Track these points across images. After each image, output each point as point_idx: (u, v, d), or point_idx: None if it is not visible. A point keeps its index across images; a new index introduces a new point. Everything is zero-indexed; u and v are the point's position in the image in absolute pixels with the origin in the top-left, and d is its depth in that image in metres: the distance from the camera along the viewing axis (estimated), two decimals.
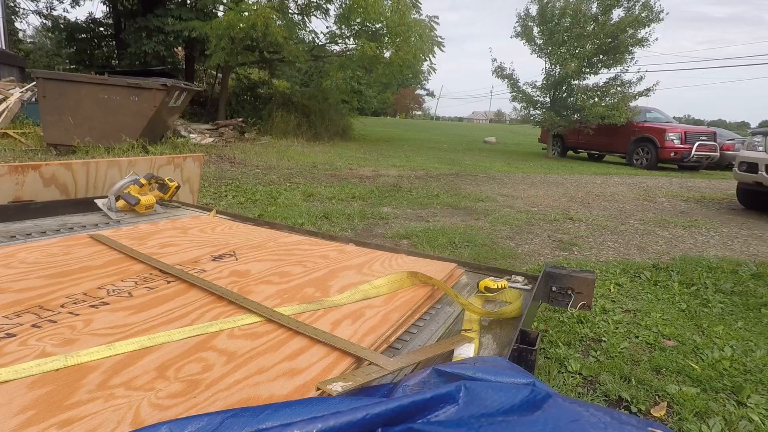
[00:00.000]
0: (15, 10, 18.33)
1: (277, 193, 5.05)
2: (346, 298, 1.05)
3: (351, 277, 1.21)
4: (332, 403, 0.53)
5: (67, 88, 6.31)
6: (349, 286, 1.13)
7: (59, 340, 0.78)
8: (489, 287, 1.24)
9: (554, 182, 8.02)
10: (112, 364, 0.72)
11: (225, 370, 0.72)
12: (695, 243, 4.15)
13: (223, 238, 1.53)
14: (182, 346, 0.79)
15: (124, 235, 1.49)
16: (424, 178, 7.29)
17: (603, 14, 12.09)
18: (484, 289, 1.24)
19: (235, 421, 0.47)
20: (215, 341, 0.82)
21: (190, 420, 0.47)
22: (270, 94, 14.60)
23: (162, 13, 12.67)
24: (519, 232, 4.19)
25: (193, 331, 0.84)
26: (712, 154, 11.61)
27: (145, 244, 1.38)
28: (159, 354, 0.76)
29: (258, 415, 0.48)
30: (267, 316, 0.92)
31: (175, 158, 2.53)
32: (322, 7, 12.46)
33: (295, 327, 0.88)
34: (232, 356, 0.77)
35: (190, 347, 0.79)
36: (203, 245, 1.43)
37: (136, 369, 0.71)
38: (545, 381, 1.73)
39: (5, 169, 1.80)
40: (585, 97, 12.47)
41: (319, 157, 8.93)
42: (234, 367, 0.74)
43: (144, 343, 0.78)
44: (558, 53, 12.51)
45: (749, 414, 1.59)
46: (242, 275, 1.18)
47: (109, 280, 1.08)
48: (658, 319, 2.36)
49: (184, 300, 1.00)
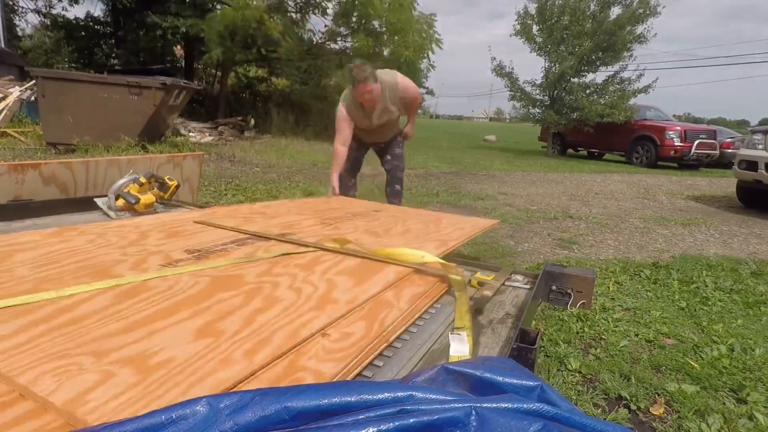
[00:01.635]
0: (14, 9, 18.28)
1: (277, 192, 5.05)
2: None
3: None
4: (352, 387, 0.56)
5: (67, 87, 6.30)
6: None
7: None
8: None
9: (554, 180, 8.02)
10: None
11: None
12: (695, 241, 4.16)
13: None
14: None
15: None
16: (423, 176, 7.28)
17: (601, 11, 12.09)
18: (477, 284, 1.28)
19: (264, 398, 0.52)
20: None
21: (227, 396, 0.52)
22: (269, 93, 14.58)
23: (160, 10, 12.64)
24: (519, 230, 4.19)
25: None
26: (711, 153, 11.61)
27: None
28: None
29: (284, 394, 0.52)
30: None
31: (175, 157, 2.52)
32: (321, 6, 12.45)
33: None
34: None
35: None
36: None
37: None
38: (545, 379, 1.74)
39: (5, 167, 1.80)
40: (584, 95, 12.47)
41: (319, 155, 8.92)
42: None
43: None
44: (557, 51, 12.50)
45: (748, 412, 1.60)
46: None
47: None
48: (657, 317, 2.36)
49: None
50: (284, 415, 0.50)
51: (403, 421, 0.49)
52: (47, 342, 0.75)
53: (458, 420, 0.50)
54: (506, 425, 0.49)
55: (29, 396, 0.63)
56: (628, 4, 11.99)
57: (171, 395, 0.64)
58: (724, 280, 2.99)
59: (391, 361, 0.88)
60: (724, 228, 4.76)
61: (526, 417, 0.51)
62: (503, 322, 1.10)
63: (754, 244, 4.15)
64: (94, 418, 0.59)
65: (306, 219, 1.84)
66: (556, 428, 0.50)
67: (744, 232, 4.63)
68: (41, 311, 0.85)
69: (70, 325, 0.81)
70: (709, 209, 5.91)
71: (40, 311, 0.85)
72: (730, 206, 6.19)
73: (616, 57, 12.39)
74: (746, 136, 6.30)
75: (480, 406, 0.51)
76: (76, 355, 0.72)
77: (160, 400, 0.63)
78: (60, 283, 0.99)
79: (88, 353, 0.73)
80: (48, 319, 0.82)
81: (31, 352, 0.72)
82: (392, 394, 0.54)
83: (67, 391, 0.63)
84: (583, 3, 12.23)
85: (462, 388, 0.65)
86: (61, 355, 0.71)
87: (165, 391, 0.65)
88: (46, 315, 0.84)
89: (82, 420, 0.58)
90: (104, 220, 1.76)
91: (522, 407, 0.54)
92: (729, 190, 7.39)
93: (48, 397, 0.61)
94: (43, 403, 0.61)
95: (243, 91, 14.81)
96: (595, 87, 12.83)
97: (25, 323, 0.80)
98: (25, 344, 0.74)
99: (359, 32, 11.91)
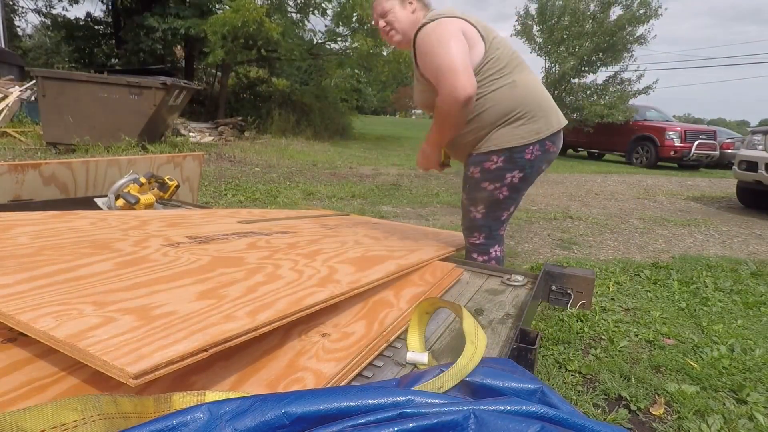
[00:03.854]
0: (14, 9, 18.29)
1: (277, 192, 5.05)
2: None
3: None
4: (353, 392, 0.55)
5: (67, 87, 6.30)
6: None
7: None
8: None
9: (554, 181, 8.02)
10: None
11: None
12: (695, 242, 4.16)
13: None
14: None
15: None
16: (424, 176, 7.28)
17: (602, 12, 12.09)
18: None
19: (264, 403, 0.52)
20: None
21: (226, 402, 0.52)
22: (269, 93, 14.57)
23: (161, 11, 12.64)
24: (519, 230, 4.19)
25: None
26: (711, 153, 11.60)
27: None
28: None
29: (284, 399, 0.53)
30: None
31: (175, 157, 2.52)
32: (320, 7, 12.45)
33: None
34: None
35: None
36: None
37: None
38: (544, 380, 1.74)
39: (5, 167, 1.80)
40: (584, 95, 12.47)
41: (318, 155, 8.93)
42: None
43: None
44: (557, 52, 12.51)
45: (748, 412, 1.59)
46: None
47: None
48: (657, 318, 2.36)
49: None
50: (284, 420, 0.51)
51: (402, 425, 0.49)
52: (48, 292, 0.75)
53: (457, 423, 0.50)
54: (505, 428, 0.49)
55: (30, 332, 0.62)
56: (628, 4, 12.00)
57: (173, 339, 0.64)
58: (724, 281, 2.99)
59: (391, 361, 0.88)
60: (724, 228, 4.76)
61: (525, 419, 0.51)
62: (503, 322, 1.10)
63: (754, 244, 4.15)
64: (98, 349, 0.58)
65: (306, 223, 1.85)
66: (554, 430, 0.50)
67: (744, 232, 4.63)
68: (41, 269, 0.85)
69: (71, 282, 0.81)
70: (709, 210, 5.91)
71: (40, 269, 0.85)
72: (730, 207, 6.19)
73: (616, 58, 12.39)
74: (746, 137, 6.29)
75: (479, 409, 0.51)
76: (76, 303, 0.72)
77: (163, 341, 0.63)
78: (61, 250, 0.98)
79: (89, 303, 0.73)
80: (49, 275, 0.82)
81: (31, 298, 0.72)
82: (391, 399, 0.54)
83: (69, 329, 0.63)
84: (583, 3, 12.24)
85: (462, 392, 0.65)
86: (61, 303, 0.71)
87: (167, 335, 0.65)
88: (47, 273, 0.84)
89: (84, 351, 0.58)
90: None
91: (521, 410, 0.54)
92: (729, 190, 7.39)
93: (50, 332, 0.61)
94: (45, 337, 0.61)
95: (243, 92, 14.80)
96: (595, 88, 12.83)
97: (26, 277, 0.80)
98: (26, 292, 0.73)
99: (359, 32, 11.90)
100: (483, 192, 1.59)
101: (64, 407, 0.46)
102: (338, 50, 13.20)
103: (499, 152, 1.52)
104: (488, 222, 1.65)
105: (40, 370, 0.67)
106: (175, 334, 0.65)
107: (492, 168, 1.54)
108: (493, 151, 1.52)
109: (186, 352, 0.61)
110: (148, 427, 0.48)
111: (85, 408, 0.47)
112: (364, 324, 0.93)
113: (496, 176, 1.55)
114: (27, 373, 0.66)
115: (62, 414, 0.46)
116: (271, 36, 10.62)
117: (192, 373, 0.72)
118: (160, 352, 0.60)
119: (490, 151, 1.53)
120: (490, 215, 1.64)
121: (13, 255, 0.91)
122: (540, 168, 1.59)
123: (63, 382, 0.65)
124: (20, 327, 0.64)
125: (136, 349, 0.60)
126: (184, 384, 0.69)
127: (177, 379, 0.70)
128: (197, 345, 0.63)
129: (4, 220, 1.19)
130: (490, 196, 1.59)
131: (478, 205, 1.63)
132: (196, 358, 0.62)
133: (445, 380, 0.65)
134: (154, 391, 0.67)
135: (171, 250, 1.10)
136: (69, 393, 0.63)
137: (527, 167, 1.54)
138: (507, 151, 1.51)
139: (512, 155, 1.51)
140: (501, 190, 1.57)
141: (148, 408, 0.53)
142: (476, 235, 1.69)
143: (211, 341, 0.65)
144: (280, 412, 0.51)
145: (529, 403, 0.55)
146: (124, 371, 0.55)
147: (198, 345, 0.63)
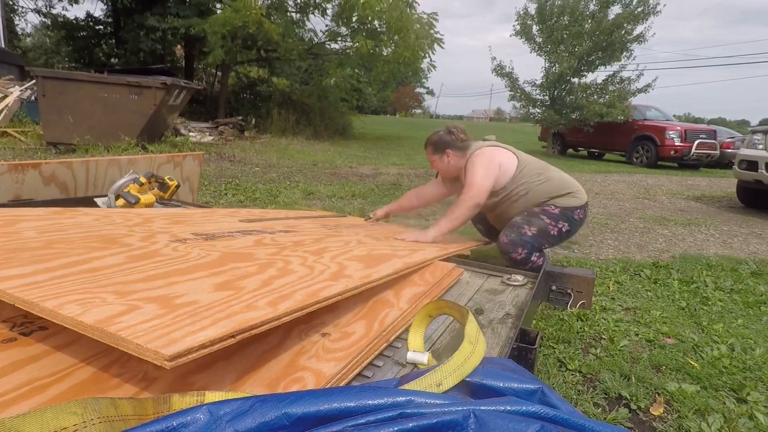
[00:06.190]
0: (14, 8, 18.28)
1: (277, 192, 5.05)
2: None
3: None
4: (353, 392, 0.55)
5: (67, 87, 6.30)
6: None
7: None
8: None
9: None
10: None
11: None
12: (695, 241, 4.16)
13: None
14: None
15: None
16: (424, 176, 7.28)
17: (600, 11, 12.08)
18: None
19: (264, 404, 0.52)
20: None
21: (226, 403, 0.52)
22: (269, 93, 14.57)
23: (161, 11, 12.64)
24: None
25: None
26: (712, 152, 11.59)
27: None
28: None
29: (284, 400, 0.53)
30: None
31: (175, 157, 2.52)
32: (320, 6, 12.44)
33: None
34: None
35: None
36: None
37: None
38: (544, 379, 1.74)
39: (5, 167, 1.80)
40: (584, 95, 12.45)
41: (318, 155, 8.92)
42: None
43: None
44: (557, 51, 12.49)
45: (749, 411, 1.59)
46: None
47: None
48: (657, 317, 2.36)
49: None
50: (284, 421, 0.51)
51: (402, 425, 0.49)
52: (67, 282, 0.75)
53: (457, 423, 0.50)
54: (505, 427, 0.49)
55: (56, 318, 0.62)
56: (627, 2, 11.97)
57: (200, 325, 0.64)
58: (724, 280, 2.98)
59: (391, 360, 0.88)
60: (724, 228, 4.76)
61: (525, 419, 0.51)
62: (503, 322, 1.10)
63: (754, 244, 4.15)
64: (129, 333, 0.58)
65: (307, 223, 1.85)
66: (554, 430, 0.50)
67: (744, 232, 4.63)
68: (56, 261, 0.85)
69: (87, 273, 0.81)
70: (710, 209, 5.90)
71: (54, 261, 0.85)
72: (731, 206, 6.18)
73: (615, 57, 12.37)
74: (746, 136, 6.29)
75: (478, 408, 0.51)
76: (98, 293, 0.72)
77: (191, 327, 0.63)
78: (71, 244, 0.98)
79: (110, 292, 0.73)
80: (65, 267, 0.82)
81: (51, 287, 0.71)
82: (391, 399, 0.54)
83: (95, 315, 0.62)
84: (582, 3, 12.22)
85: (462, 392, 0.65)
86: (83, 291, 0.71)
87: (194, 321, 0.65)
88: (62, 264, 0.84)
89: (115, 335, 0.57)
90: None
91: (521, 410, 0.54)
92: (729, 190, 7.39)
93: (77, 317, 0.61)
94: (72, 323, 0.60)
95: (243, 91, 14.80)
96: (595, 87, 12.81)
97: (41, 268, 0.80)
98: (44, 282, 0.73)
99: (359, 32, 11.89)
100: (541, 221, 2.06)
101: (64, 411, 0.46)
102: (338, 50, 13.19)
103: (558, 207, 2.09)
104: (534, 241, 2.03)
105: (40, 370, 0.67)
106: (201, 321, 0.66)
107: (551, 212, 2.08)
108: (555, 205, 2.09)
109: (216, 336, 0.62)
110: (149, 428, 0.48)
111: (84, 411, 0.47)
112: (364, 324, 0.93)
113: (553, 218, 2.07)
114: (27, 372, 0.66)
115: (62, 418, 0.46)
116: (271, 36, 10.62)
117: (192, 373, 0.72)
118: (191, 337, 0.60)
119: (552, 204, 2.09)
120: (537, 238, 2.04)
121: (24, 248, 0.91)
122: (577, 231, 2.19)
123: (63, 382, 0.65)
124: (44, 314, 0.63)
125: (167, 333, 0.60)
126: (185, 384, 0.69)
127: (177, 378, 0.70)
128: (226, 330, 0.64)
129: (8, 215, 1.19)
130: (545, 226, 2.05)
131: (533, 226, 2.04)
132: (225, 343, 0.63)
133: (442, 375, 0.65)
134: (155, 390, 0.67)
135: (180, 245, 1.10)
136: (69, 393, 0.63)
137: (573, 224, 2.12)
138: (564, 209, 2.09)
139: (566, 212, 2.09)
140: (553, 228, 2.06)
141: (147, 409, 0.53)
142: (519, 251, 2.02)
143: (237, 328, 0.65)
144: (281, 412, 0.51)
145: (528, 403, 0.55)
146: (159, 353, 0.55)
147: (226, 330, 0.64)
